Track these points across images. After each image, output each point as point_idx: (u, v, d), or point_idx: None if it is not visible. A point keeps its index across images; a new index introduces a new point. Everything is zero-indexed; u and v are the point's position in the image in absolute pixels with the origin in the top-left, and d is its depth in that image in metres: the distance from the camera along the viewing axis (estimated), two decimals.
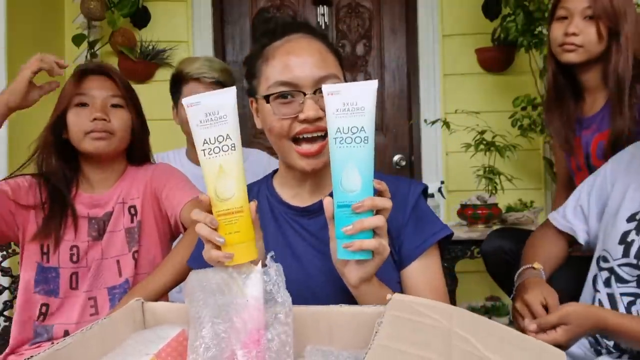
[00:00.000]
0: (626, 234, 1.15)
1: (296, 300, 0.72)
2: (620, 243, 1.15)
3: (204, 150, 0.76)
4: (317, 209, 0.96)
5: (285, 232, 0.99)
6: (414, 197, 0.98)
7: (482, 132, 2.27)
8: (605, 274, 1.18)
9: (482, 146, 2.23)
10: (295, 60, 0.91)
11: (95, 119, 1.27)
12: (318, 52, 0.93)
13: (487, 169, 2.23)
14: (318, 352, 0.69)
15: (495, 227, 2.19)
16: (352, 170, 0.76)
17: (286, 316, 0.67)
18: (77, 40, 2.52)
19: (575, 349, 1.17)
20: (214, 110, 0.76)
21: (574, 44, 1.48)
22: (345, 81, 0.99)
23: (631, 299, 1.13)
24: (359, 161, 0.75)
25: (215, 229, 0.75)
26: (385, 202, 0.77)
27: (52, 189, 1.31)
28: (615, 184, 1.23)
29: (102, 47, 2.66)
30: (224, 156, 0.76)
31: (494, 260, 1.60)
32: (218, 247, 0.76)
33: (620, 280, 1.16)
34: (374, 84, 0.76)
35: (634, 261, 1.12)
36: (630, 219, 1.15)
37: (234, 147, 0.76)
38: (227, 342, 0.64)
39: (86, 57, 2.58)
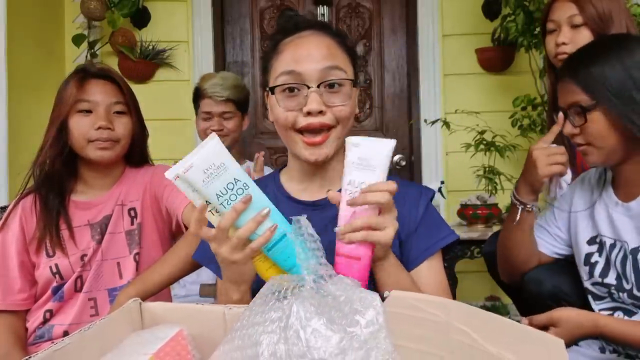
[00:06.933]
0: (589, 255, 1.19)
1: None
2: (585, 264, 1.19)
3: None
4: (326, 203, 0.95)
5: None
6: (424, 203, 1.00)
7: (482, 132, 2.26)
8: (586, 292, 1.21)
9: (482, 146, 2.23)
10: (302, 52, 0.94)
11: (100, 128, 1.25)
12: (326, 47, 0.95)
13: (487, 169, 2.22)
14: None
15: (495, 227, 2.19)
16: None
17: None
18: (77, 40, 2.52)
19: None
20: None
21: (565, 52, 1.50)
22: (355, 77, 1.00)
23: (610, 312, 1.15)
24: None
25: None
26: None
27: (45, 206, 1.28)
28: (572, 206, 1.26)
29: (102, 47, 2.66)
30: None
31: (495, 262, 1.60)
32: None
33: (596, 297, 1.19)
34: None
35: (599, 279, 1.16)
36: (591, 241, 1.19)
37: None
38: None
39: (86, 57, 2.58)
